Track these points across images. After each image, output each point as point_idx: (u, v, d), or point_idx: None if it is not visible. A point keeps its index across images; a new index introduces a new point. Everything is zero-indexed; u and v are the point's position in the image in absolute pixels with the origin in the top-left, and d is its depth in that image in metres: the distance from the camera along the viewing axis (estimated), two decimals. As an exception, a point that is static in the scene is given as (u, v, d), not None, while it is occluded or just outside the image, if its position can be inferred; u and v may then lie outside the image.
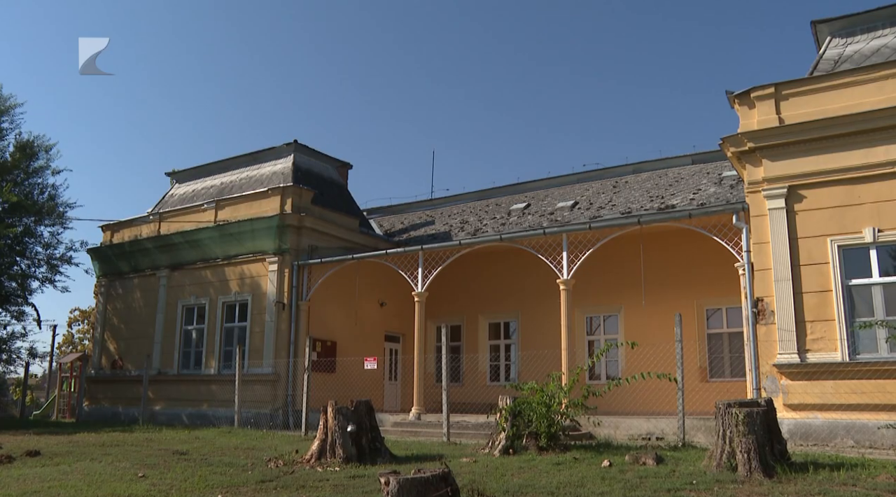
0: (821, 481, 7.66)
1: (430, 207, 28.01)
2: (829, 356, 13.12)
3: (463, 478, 8.03)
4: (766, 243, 14.08)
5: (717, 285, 17.69)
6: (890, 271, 13.26)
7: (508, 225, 22.26)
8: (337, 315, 21.30)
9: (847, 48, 15.76)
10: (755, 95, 14.66)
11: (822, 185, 13.83)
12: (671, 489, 7.38)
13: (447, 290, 20.94)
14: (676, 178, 21.82)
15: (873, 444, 12.20)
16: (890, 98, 13.48)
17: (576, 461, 9.94)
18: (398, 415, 18.75)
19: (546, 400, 11.66)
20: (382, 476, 5.76)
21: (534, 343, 19.98)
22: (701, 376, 18.42)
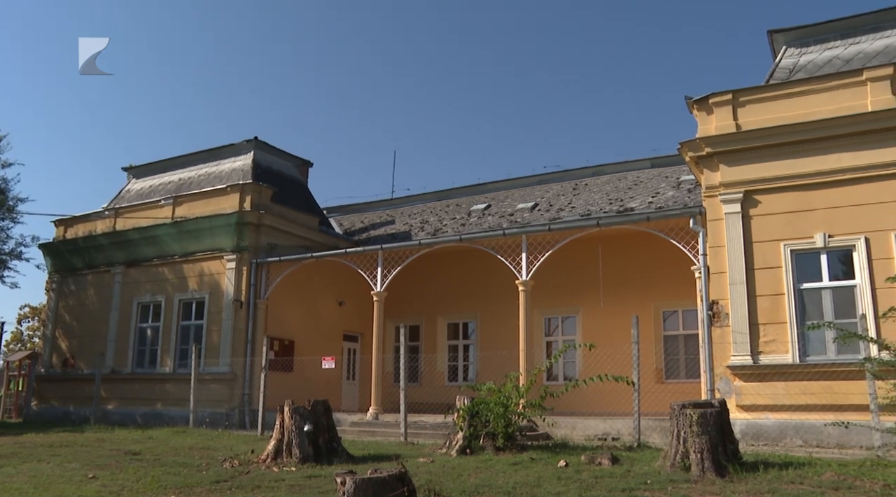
0: (770, 480, 7.81)
1: (390, 207, 27.94)
2: (780, 358, 13.39)
3: (420, 478, 8.01)
4: (721, 247, 14.32)
5: (674, 288, 17.90)
6: (839, 275, 13.58)
7: (468, 225, 22.29)
8: (295, 314, 21.14)
9: (801, 58, 16.08)
10: (713, 101, 14.89)
11: (776, 190, 14.10)
12: (626, 489, 7.46)
13: (406, 289, 20.91)
14: (636, 181, 22.05)
15: (820, 443, 12.48)
16: (841, 107, 13.81)
17: (532, 461, 9.99)
18: (356, 414, 18.66)
19: (503, 400, 11.69)
20: (339, 476, 5.72)
21: (492, 344, 20.03)
22: (657, 377, 18.63)
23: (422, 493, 6.25)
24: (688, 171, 18.55)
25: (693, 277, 15.13)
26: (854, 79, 14.01)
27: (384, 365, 19.40)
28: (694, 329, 16.76)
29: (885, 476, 7.94)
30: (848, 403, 11.79)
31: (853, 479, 7.72)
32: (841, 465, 8.80)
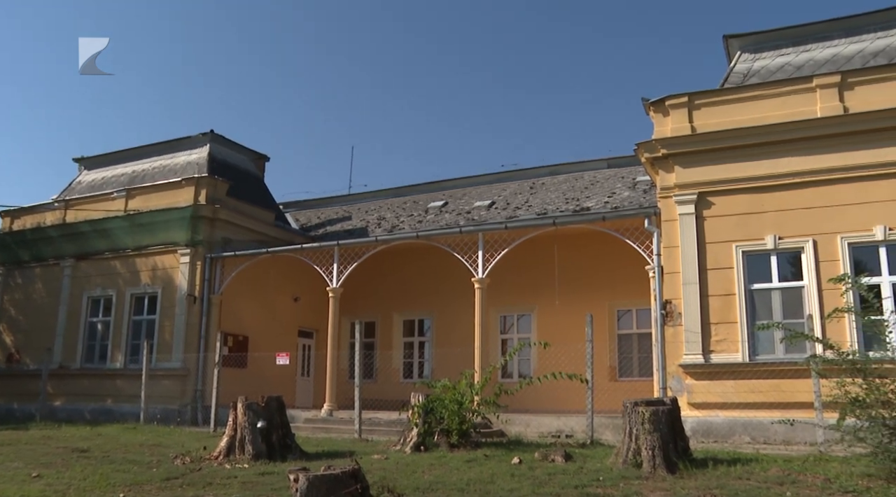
0: (719, 476, 7.95)
1: (347, 203, 27.81)
2: (731, 357, 13.65)
3: (374, 475, 7.99)
4: (675, 247, 14.52)
5: (628, 287, 18.09)
6: (788, 276, 13.88)
7: (425, 222, 22.29)
8: (250, 309, 20.93)
9: (755, 63, 16.38)
10: (669, 104, 15.10)
11: (729, 192, 14.35)
12: (578, 485, 7.52)
13: (362, 286, 20.83)
14: (592, 181, 22.26)
15: (767, 439, 12.74)
16: (792, 113, 14.11)
17: (486, 458, 10.03)
18: (310, 411, 18.56)
19: (458, 398, 11.71)
20: (292, 473, 5.68)
21: (448, 341, 20.05)
22: (610, 375, 18.83)
23: (375, 490, 6.23)
24: (643, 172, 18.78)
25: (647, 277, 15.32)
26: (804, 85, 14.33)
27: (339, 361, 19.31)
28: (647, 328, 16.98)
29: (826, 471, 8.15)
30: (794, 401, 12.06)
31: (797, 474, 7.92)
32: (786, 461, 9.00)
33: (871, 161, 13.49)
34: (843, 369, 8.32)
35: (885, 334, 8.47)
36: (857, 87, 13.94)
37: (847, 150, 13.69)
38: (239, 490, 7.69)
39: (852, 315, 10.99)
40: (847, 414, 8.02)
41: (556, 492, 7.27)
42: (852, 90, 13.94)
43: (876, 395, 7.89)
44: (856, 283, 9.74)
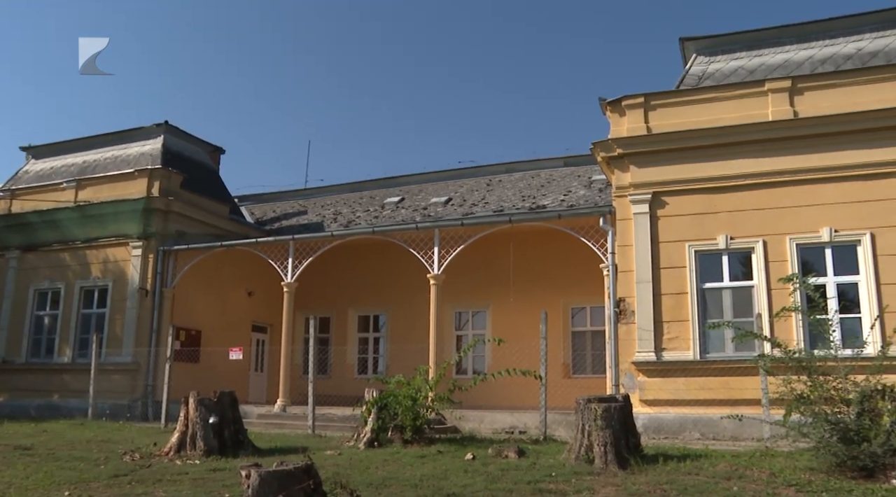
0: (669, 472, 8.07)
1: (303, 197, 27.60)
2: (682, 355, 13.87)
3: (327, 470, 7.94)
4: (629, 246, 14.70)
5: (583, 285, 18.24)
6: (739, 276, 14.16)
7: (382, 218, 22.24)
8: (203, 303, 20.66)
9: (710, 66, 16.65)
10: (626, 104, 15.26)
11: (683, 192, 14.58)
12: (531, 481, 7.56)
13: (317, 281, 20.69)
14: (548, 179, 22.41)
15: (716, 435, 12.99)
16: (745, 115, 14.40)
17: (440, 454, 10.04)
18: (263, 407, 18.40)
19: (412, 393, 11.70)
20: (243, 469, 5.60)
21: (403, 337, 20.04)
22: (564, 372, 18.99)
23: (328, 486, 6.19)
24: (599, 171, 18.96)
25: (601, 275, 15.48)
26: (757, 89, 14.63)
27: (293, 356, 19.20)
28: (601, 325, 17.16)
29: (771, 465, 8.33)
30: (742, 398, 12.29)
31: (744, 469, 8.08)
32: (734, 457, 9.17)
33: (819, 164, 13.84)
34: (789, 367, 8.54)
35: (829, 333, 8.70)
36: (807, 93, 14.27)
37: (796, 153, 14.02)
38: (190, 487, 7.59)
39: (799, 314, 11.24)
40: (792, 410, 8.25)
41: (509, 487, 7.30)
42: (802, 95, 14.27)
43: (819, 392, 8.14)
44: (803, 283, 9.97)
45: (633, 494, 6.94)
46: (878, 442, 7.43)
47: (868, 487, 7.07)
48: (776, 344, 8.81)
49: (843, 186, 13.72)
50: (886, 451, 7.41)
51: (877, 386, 7.97)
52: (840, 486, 7.15)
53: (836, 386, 8.17)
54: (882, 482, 7.27)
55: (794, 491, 7.04)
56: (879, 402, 7.79)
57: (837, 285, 13.50)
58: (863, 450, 7.50)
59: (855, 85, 14.08)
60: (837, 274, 13.56)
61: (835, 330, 8.92)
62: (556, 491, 7.12)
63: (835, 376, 8.23)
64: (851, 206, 13.60)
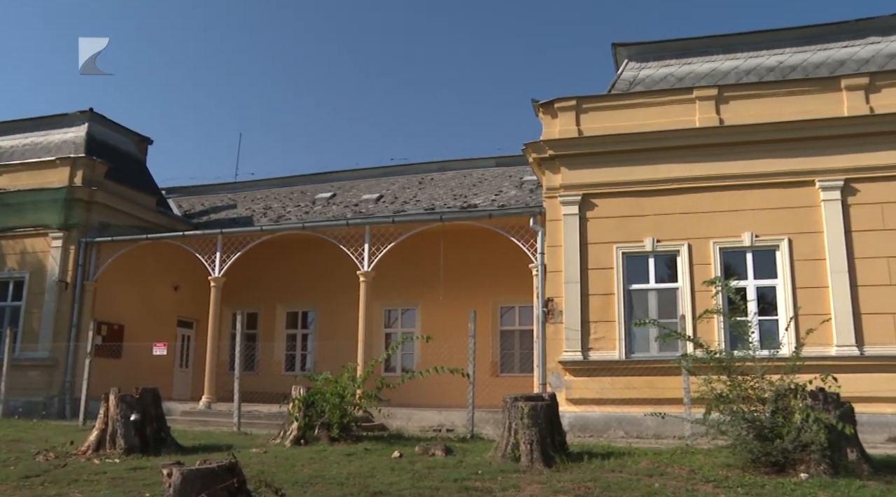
0: (593, 469, 8.20)
1: (233, 191, 27.12)
2: (608, 354, 14.13)
3: (252, 469, 7.83)
4: (559, 247, 14.89)
5: (512, 284, 18.40)
6: (664, 278, 14.50)
7: (312, 214, 22.03)
8: (126, 297, 20.09)
9: (641, 72, 16.98)
10: (558, 106, 15.46)
11: (612, 195, 14.85)
12: (458, 479, 7.59)
13: (246, 276, 20.38)
14: (480, 178, 22.54)
15: (640, 434, 13.28)
16: (673, 121, 14.77)
17: (367, 452, 9.99)
18: (188, 403, 18.05)
19: (340, 391, 11.62)
20: (165, 467, 5.46)
21: (331, 334, 19.90)
22: (492, 371, 19.14)
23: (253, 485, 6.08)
24: (531, 172, 19.16)
25: (531, 275, 15.64)
26: (685, 96, 15.02)
27: (220, 352, 18.88)
28: (529, 325, 17.36)
29: (691, 462, 8.57)
30: (666, 397, 12.57)
31: (665, 466, 8.28)
32: (656, 454, 9.38)
33: (742, 171, 14.29)
34: (710, 367, 8.82)
35: (748, 334, 9.01)
36: (732, 102, 14.73)
37: (721, 159, 14.44)
38: (108, 486, 7.37)
39: (721, 316, 11.58)
40: (712, 409, 8.52)
41: (436, 485, 7.31)
42: (728, 104, 14.72)
43: (738, 391, 8.44)
44: (725, 286, 10.28)
45: (558, 492, 7.03)
46: (789, 438, 7.79)
47: (779, 482, 7.38)
48: (698, 344, 9.07)
49: (764, 193, 14.20)
50: (796, 447, 7.76)
51: (790, 385, 8.30)
52: (754, 482, 7.43)
53: (754, 385, 8.48)
54: (792, 476, 7.61)
55: (712, 487, 7.25)
56: (792, 400, 8.12)
57: (757, 288, 13.98)
58: (775, 446, 7.84)
59: (776, 96, 14.60)
60: (757, 277, 14.03)
61: (753, 331, 9.22)
62: (482, 489, 7.17)
63: (752, 376, 8.53)
64: (771, 212, 14.09)
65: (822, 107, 14.29)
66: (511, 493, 6.99)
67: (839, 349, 13.15)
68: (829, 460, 7.70)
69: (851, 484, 7.28)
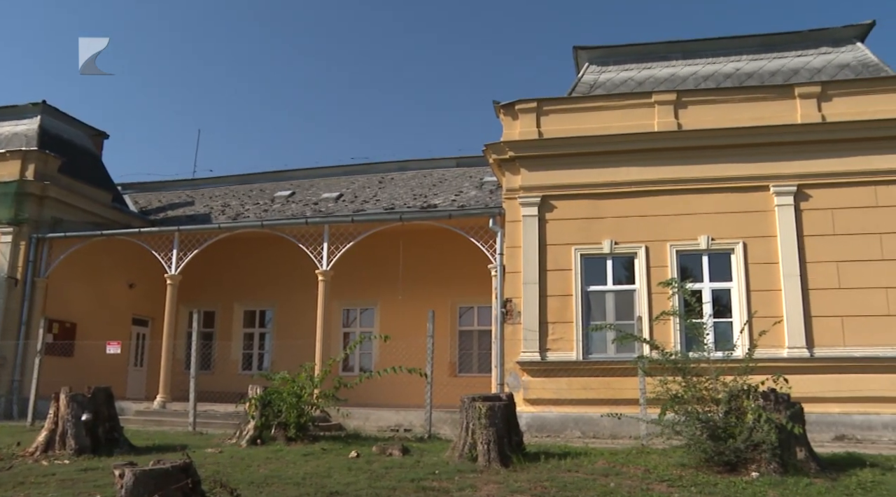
0: (550, 469, 8.26)
1: (191, 187, 26.75)
2: (566, 355, 14.24)
3: (207, 469, 7.75)
4: (518, 248, 14.97)
5: (471, 285, 18.42)
6: (622, 280, 14.66)
7: (271, 212, 21.84)
8: (79, 295, 19.69)
9: (602, 75, 17.15)
10: (519, 108, 15.54)
11: (571, 197, 14.97)
12: (415, 479, 7.59)
13: (203, 274, 20.14)
14: (440, 178, 22.55)
15: (596, 434, 13.41)
16: (632, 125, 14.94)
17: (324, 452, 9.94)
18: (142, 403, 17.77)
19: (297, 390, 11.54)
20: (117, 468, 5.36)
21: (289, 333, 19.74)
22: (450, 371, 19.15)
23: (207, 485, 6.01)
24: (491, 173, 19.23)
25: (490, 275, 15.69)
26: (645, 100, 15.21)
27: (175, 351, 18.62)
28: (488, 325, 17.39)
29: (646, 462, 8.68)
30: (622, 398, 12.71)
31: (621, 466, 8.38)
32: (612, 454, 9.48)
33: (700, 175, 14.53)
34: (665, 368, 8.96)
35: (703, 336, 9.16)
36: (691, 107, 14.95)
37: (679, 163, 14.65)
38: (56, 488, 7.21)
39: (677, 318, 11.76)
40: (667, 409, 8.66)
41: (393, 485, 7.30)
42: (686, 109, 14.93)
43: (692, 392, 8.59)
44: (681, 288, 10.43)
45: (515, 492, 7.07)
46: (741, 438, 7.97)
47: (731, 480, 7.53)
48: (654, 346, 9.20)
49: (720, 197, 14.45)
50: (748, 446, 7.95)
51: (743, 386, 8.48)
52: (707, 480, 7.56)
53: (708, 386, 8.64)
54: (743, 475, 7.78)
55: (666, 486, 7.35)
56: (745, 401, 8.29)
57: (712, 291, 14.21)
58: (728, 446, 8.01)
59: (733, 102, 14.87)
60: (713, 280, 14.26)
61: (708, 333, 9.37)
62: (439, 488, 7.17)
63: (707, 377, 8.68)
64: (727, 216, 14.34)
65: (776, 114, 14.59)
66: (468, 493, 7.00)
67: (790, 351, 13.45)
68: (779, 459, 7.89)
69: (799, 482, 7.47)
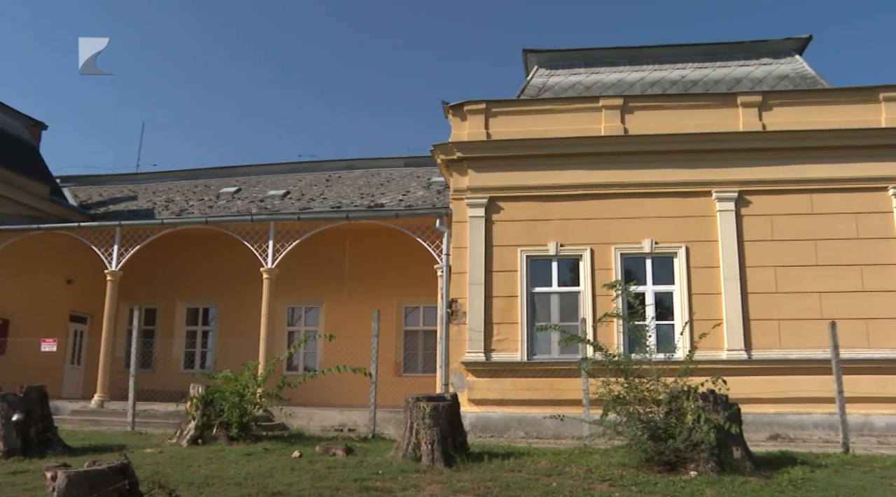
0: (493, 469, 8.30)
1: (133, 182, 26.19)
2: (510, 356, 14.32)
3: (145, 469, 7.60)
4: (464, 248, 15.00)
5: (417, 285, 18.41)
6: (567, 282, 14.80)
7: (216, 208, 21.53)
8: (13, 290, 19.13)
9: (550, 79, 17.31)
10: (468, 109, 15.58)
11: (518, 199, 15.06)
12: (358, 479, 7.55)
13: (145, 270, 19.74)
14: (388, 178, 22.50)
15: (540, 434, 13.51)
16: (578, 128, 15.11)
17: (266, 452, 9.82)
18: (79, 402, 17.33)
19: (240, 389, 11.39)
20: (49, 470, 5.18)
21: (233, 331, 19.47)
22: (395, 371, 19.13)
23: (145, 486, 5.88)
24: (439, 173, 19.26)
25: (436, 276, 15.71)
26: (592, 104, 15.38)
27: (115, 349, 18.21)
28: (433, 325, 17.43)
29: (588, 462, 8.77)
30: (566, 398, 12.84)
31: (563, 466, 8.45)
32: (555, 454, 9.56)
33: (645, 180, 14.75)
34: (608, 369, 9.08)
35: (645, 338, 9.31)
36: (637, 112, 15.18)
37: (624, 168, 14.86)
38: (-17, 490, 7.00)
39: (620, 320, 11.93)
40: (609, 410, 8.78)
41: (336, 485, 7.25)
42: (632, 114, 15.16)
43: (634, 393, 8.72)
44: (625, 290, 10.57)
45: (458, 491, 7.08)
46: (681, 438, 8.12)
47: (671, 480, 7.67)
48: (598, 347, 9.32)
49: (664, 202, 14.70)
50: (687, 446, 8.11)
51: (683, 387, 8.64)
52: (647, 480, 7.69)
53: (649, 387, 8.78)
54: (682, 474, 7.93)
55: (608, 486, 7.45)
56: (685, 402, 8.45)
57: (655, 293, 14.45)
58: (668, 446, 8.15)
59: (678, 109, 15.15)
60: (656, 283, 14.50)
61: (650, 335, 9.52)
62: (383, 489, 7.15)
63: (648, 379, 8.82)
64: (670, 220, 14.60)
65: (719, 121, 14.91)
66: (411, 493, 6.99)
67: (729, 353, 13.75)
68: (716, 458, 8.07)
69: (735, 480, 7.66)
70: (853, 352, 13.07)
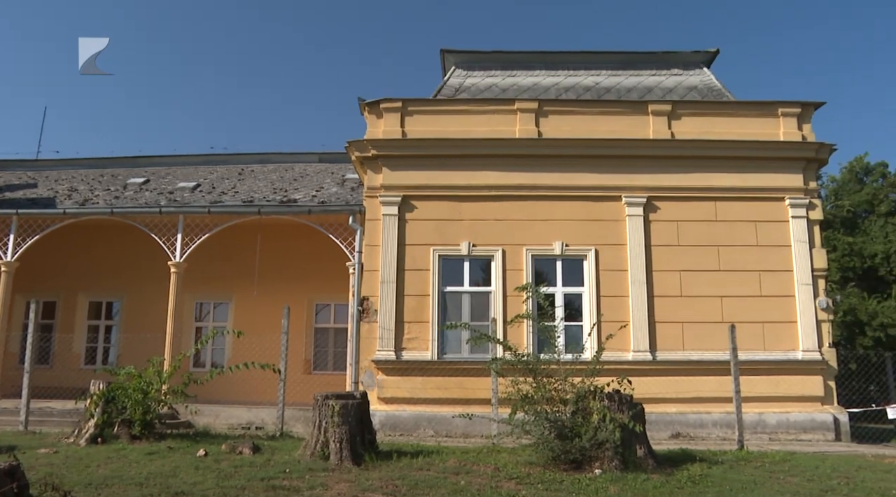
0: (402, 467, 8.33)
1: (34, 169, 25.05)
2: (421, 355, 14.37)
3: (38, 471, 7.32)
4: (377, 246, 14.97)
5: (329, 282, 18.25)
6: (479, 282, 14.95)
7: (123, 199, 20.82)
8: None
9: (467, 80, 17.44)
10: (384, 107, 15.56)
11: (431, 198, 15.12)
12: (265, 478, 7.47)
13: (44, 262, 18.95)
14: (302, 173, 22.23)
15: (449, 433, 13.61)
16: (494, 130, 15.29)
17: (170, 450, 9.60)
18: (-33, 400, 16.49)
19: (143, 386, 11.07)
20: (-78, 476, 4.92)
21: (138, 326, 18.86)
22: (305, 368, 18.93)
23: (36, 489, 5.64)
24: (353, 170, 19.15)
25: (348, 273, 15.63)
26: (507, 107, 15.58)
27: (8, 344, 17.42)
28: (345, 323, 17.32)
29: (496, 460, 8.91)
30: (475, 397, 12.99)
31: (471, 465, 8.56)
32: (464, 453, 9.66)
33: (556, 183, 15.04)
34: (518, 369, 9.22)
35: (554, 339, 9.50)
36: (551, 116, 15.46)
37: (537, 170, 15.11)
38: None
39: (530, 320, 12.13)
40: (518, 409, 8.93)
41: (242, 484, 7.15)
42: (547, 117, 15.42)
43: (542, 392, 8.90)
44: (536, 292, 10.75)
45: (366, 490, 7.08)
46: (587, 437, 8.34)
47: (576, 478, 7.89)
48: (508, 347, 9.47)
49: (575, 205, 15.02)
50: (593, 444, 8.34)
51: (590, 387, 8.87)
52: (553, 478, 7.87)
53: (557, 387, 8.98)
54: (588, 472, 8.15)
55: (515, 483, 7.58)
56: (591, 402, 8.67)
57: (565, 295, 14.74)
58: (574, 444, 8.37)
59: (591, 114, 15.52)
60: (566, 285, 14.79)
61: (559, 336, 9.73)
62: (290, 487, 7.09)
63: (556, 378, 9.01)
64: (581, 223, 14.92)
65: (631, 128, 15.33)
66: (319, 492, 6.96)
67: (635, 354, 14.16)
68: (620, 456, 8.33)
69: (638, 477, 7.93)
70: (750, 354, 13.70)
